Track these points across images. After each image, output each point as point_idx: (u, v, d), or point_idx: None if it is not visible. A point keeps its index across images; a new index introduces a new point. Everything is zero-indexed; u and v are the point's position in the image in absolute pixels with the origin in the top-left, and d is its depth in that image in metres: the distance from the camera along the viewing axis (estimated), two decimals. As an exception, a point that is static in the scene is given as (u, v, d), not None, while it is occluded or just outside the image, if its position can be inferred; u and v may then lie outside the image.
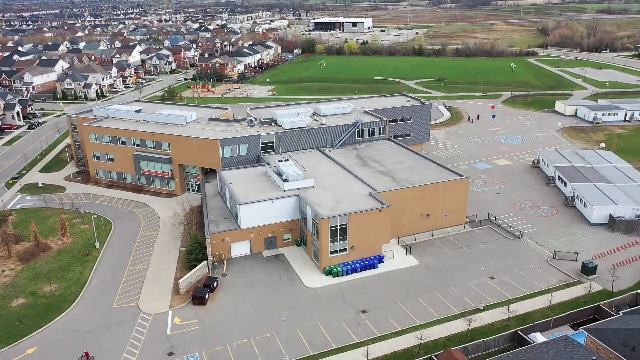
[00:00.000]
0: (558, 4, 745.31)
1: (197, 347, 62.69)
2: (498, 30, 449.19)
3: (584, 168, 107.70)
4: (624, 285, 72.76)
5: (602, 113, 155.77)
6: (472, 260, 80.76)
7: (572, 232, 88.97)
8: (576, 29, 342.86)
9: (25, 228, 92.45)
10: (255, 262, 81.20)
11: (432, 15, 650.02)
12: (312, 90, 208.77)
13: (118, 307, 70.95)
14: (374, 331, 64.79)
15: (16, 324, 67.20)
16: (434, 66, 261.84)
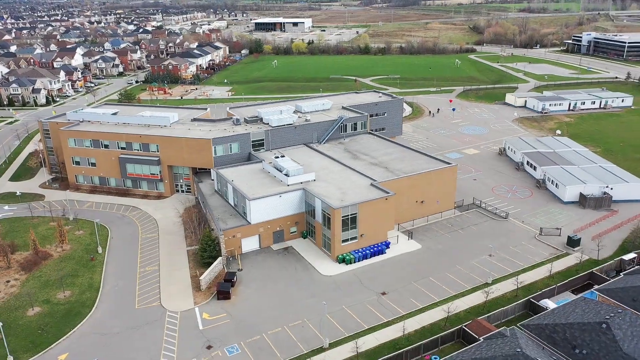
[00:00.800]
0: (482, 4, 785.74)
1: (233, 338, 64.18)
2: (433, 29, 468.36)
3: (549, 153, 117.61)
4: (605, 254, 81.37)
5: (549, 103, 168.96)
6: (468, 241, 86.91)
7: (550, 211, 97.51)
8: (507, 27, 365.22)
9: (15, 238, 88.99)
10: (266, 256, 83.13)
11: (367, 15, 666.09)
12: (272, 90, 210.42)
13: (141, 307, 70.78)
14: (399, 310, 68.98)
15: (39, 332, 65.60)
16: (383, 64, 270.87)
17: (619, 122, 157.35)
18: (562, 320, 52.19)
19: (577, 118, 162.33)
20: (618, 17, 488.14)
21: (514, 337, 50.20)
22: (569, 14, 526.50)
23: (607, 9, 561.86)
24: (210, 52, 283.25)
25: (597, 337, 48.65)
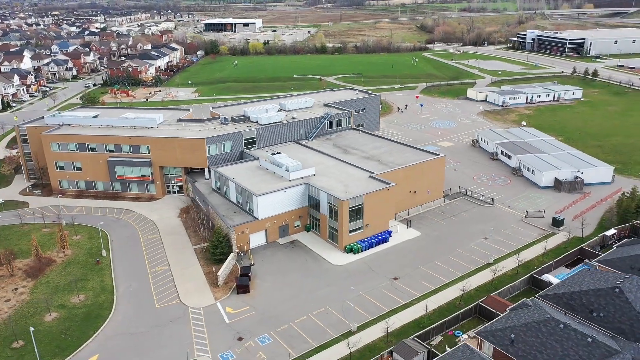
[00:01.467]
0: (425, 3, 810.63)
1: (262, 329, 65.91)
2: (382, 29, 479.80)
3: (521, 142, 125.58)
4: (587, 231, 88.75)
5: (509, 97, 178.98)
6: (462, 226, 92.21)
7: (529, 196, 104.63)
8: (455, 26, 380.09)
9: (9, 246, 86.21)
10: (274, 250, 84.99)
11: (315, 15, 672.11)
12: (238, 90, 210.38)
13: (161, 306, 71.05)
14: (414, 292, 72.90)
15: (62, 337, 64.75)
16: (342, 63, 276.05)
17: (573, 113, 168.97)
18: (577, 288, 57.68)
19: (535, 110, 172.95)
20: (552, 15, 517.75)
21: (537, 306, 55.08)
22: (508, 13, 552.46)
23: (541, 8, 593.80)
24: (168, 54, 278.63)
25: (612, 300, 54.34)
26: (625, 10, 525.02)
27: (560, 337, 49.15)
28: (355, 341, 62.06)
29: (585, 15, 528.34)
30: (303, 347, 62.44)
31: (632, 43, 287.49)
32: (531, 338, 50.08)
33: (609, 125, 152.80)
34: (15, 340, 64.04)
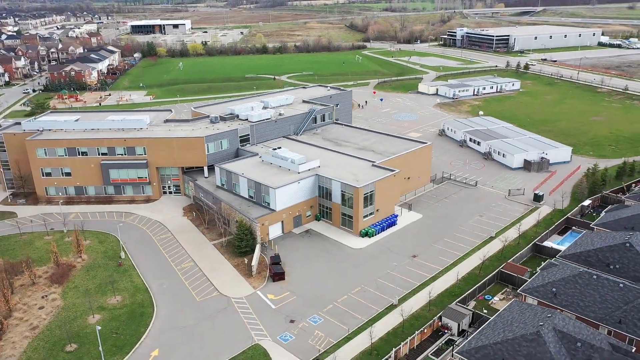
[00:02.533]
0: (347, 3, 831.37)
1: (310, 310, 69.55)
2: (313, 28, 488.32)
3: (486, 130, 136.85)
4: (565, 204, 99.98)
5: (458, 90, 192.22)
6: (456, 207, 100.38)
7: (505, 177, 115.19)
8: (388, 25, 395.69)
9: (16, 256, 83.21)
10: (292, 240, 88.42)
11: (242, 16, 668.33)
12: (194, 92, 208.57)
13: (202, 299, 72.52)
14: (435, 267, 79.49)
15: (114, 336, 64.76)
16: (288, 62, 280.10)
17: (516, 102, 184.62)
18: (591, 247, 66.78)
19: (483, 101, 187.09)
20: (470, 14, 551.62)
21: (563, 264, 63.42)
22: (430, 12, 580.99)
23: (458, 7, 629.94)
24: (107, 57, 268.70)
25: (625, 254, 63.73)
26: (533, 9, 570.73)
27: (596, 285, 57.52)
28: (402, 311, 67.61)
29: (499, 14, 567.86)
30: (354, 322, 66.95)
31: (549, 39, 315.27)
32: (570, 289, 58.06)
33: (551, 112, 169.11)
34: (68, 344, 63.33)
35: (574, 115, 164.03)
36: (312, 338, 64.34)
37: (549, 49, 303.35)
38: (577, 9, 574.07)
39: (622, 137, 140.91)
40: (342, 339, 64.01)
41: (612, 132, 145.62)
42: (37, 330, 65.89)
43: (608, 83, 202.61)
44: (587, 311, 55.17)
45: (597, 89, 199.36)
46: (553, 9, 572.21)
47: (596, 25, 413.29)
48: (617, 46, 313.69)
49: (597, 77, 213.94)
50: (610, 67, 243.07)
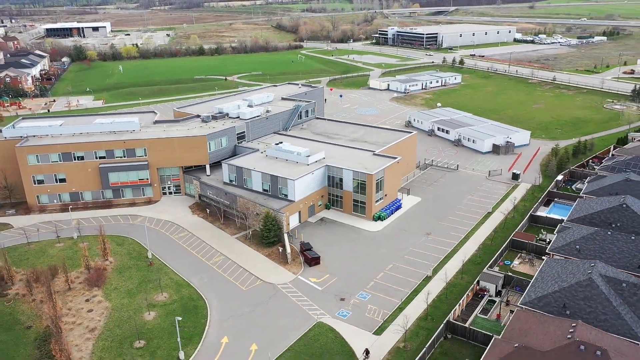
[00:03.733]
0: (264, 5, 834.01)
1: (355, 289, 74.40)
2: (240, 29, 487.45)
3: (450, 119, 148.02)
4: (539, 180, 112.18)
5: (409, 85, 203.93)
6: (447, 189, 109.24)
7: (478, 160, 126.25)
8: (319, 25, 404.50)
9: (35, 264, 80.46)
10: (311, 228, 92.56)
11: (161, 18, 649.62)
12: (146, 95, 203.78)
13: (249, 288, 75.00)
14: (450, 242, 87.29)
15: (178, 329, 65.85)
16: (232, 62, 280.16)
17: (461, 95, 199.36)
18: (592, 211, 77.55)
19: (432, 94, 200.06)
20: (390, 14, 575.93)
21: (576, 226, 73.43)
22: (353, 12, 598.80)
23: (375, 8, 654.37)
24: (39, 62, 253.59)
25: (623, 214, 74.76)
26: (446, 9, 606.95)
27: (611, 240, 67.64)
28: (440, 279, 74.56)
29: (416, 13, 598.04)
30: (400, 294, 72.84)
31: (472, 36, 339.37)
32: (591, 245, 67.77)
33: (495, 102, 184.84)
34: (136, 340, 63.67)
35: (517, 104, 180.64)
36: (367, 311, 69.41)
37: (473, 46, 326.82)
38: (485, 8, 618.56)
39: (564, 121, 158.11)
40: (395, 309, 69.71)
41: (554, 117, 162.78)
42: (96, 331, 65.39)
43: (537, 75, 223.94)
44: (609, 261, 65.00)
45: (528, 80, 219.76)
46: (464, 9, 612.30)
47: (505, 23, 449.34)
48: (531, 42, 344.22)
49: (526, 70, 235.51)
50: (531, 60, 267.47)
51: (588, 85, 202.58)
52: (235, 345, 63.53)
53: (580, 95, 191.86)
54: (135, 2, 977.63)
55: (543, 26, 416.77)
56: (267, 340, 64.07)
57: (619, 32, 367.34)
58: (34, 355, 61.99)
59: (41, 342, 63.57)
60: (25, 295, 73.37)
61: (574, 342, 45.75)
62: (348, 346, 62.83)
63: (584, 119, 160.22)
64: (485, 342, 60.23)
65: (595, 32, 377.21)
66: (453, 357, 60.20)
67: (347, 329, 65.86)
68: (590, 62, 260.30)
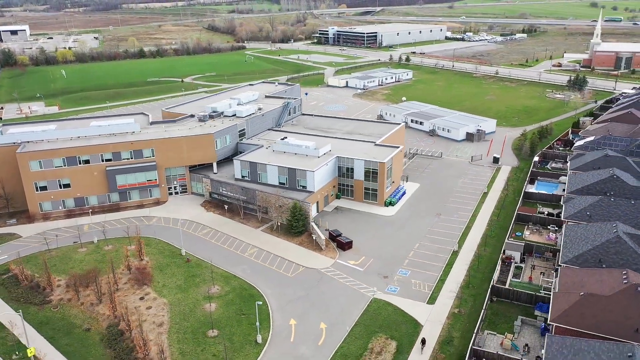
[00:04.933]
0: (185, 6, 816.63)
1: (393, 267, 79.88)
2: (170, 31, 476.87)
3: (421, 112, 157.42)
4: (517, 162, 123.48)
5: (367, 82, 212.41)
6: (439, 175, 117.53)
7: (457, 147, 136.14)
8: (255, 26, 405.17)
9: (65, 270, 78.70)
10: (329, 216, 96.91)
11: (79, 20, 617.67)
12: (101, 99, 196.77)
13: (295, 275, 78.24)
14: (461, 220, 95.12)
15: (243, 316, 67.99)
16: (179, 64, 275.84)
17: (416, 89, 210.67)
18: (587, 183, 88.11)
19: (389, 90, 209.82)
20: (320, 15, 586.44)
21: (577, 197, 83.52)
22: (285, 13, 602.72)
23: (302, 8, 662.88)
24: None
25: (615, 183, 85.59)
26: (373, 9, 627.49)
27: (615, 206, 78.05)
28: (466, 252, 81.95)
29: (345, 14, 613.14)
30: (436, 268, 79.26)
31: (409, 34, 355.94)
32: (599, 211, 77.79)
33: (450, 95, 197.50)
34: (208, 330, 65.20)
35: (470, 96, 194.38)
36: (413, 285, 75.19)
37: (411, 44, 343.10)
38: (409, 8, 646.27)
39: (517, 110, 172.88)
40: (437, 281, 76.07)
41: (507, 107, 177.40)
42: (165, 325, 66.09)
43: (480, 70, 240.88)
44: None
45: (472, 74, 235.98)
46: (390, 9, 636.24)
47: (432, 22, 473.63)
48: (461, 39, 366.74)
49: (469, 65, 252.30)
50: (468, 56, 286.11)
51: (527, 78, 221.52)
52: (304, 325, 66.92)
53: (522, 86, 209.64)
54: (43, 4, 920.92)
55: (466, 25, 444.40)
56: (332, 319, 68.02)
57: (536, 29, 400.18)
58: (109, 354, 61.90)
59: (111, 342, 63.50)
60: (71, 300, 72.05)
61: (631, 285, 54.23)
62: (409, 316, 68.30)
63: (534, 107, 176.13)
64: (528, 301, 68.40)
65: (515, 30, 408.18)
66: (503, 317, 67.38)
67: (402, 302, 71.26)
68: (519, 57, 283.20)
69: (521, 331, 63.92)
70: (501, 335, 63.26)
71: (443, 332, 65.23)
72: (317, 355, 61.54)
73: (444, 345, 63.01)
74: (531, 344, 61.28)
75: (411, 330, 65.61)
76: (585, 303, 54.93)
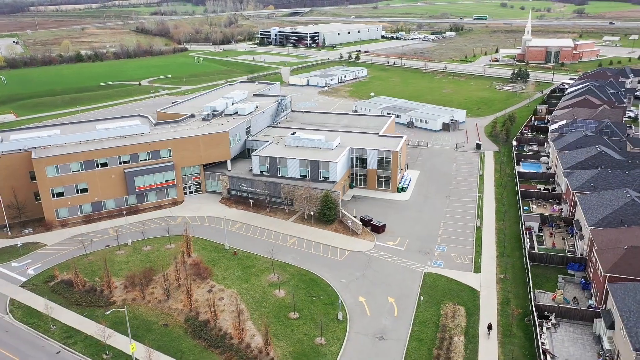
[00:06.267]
0: (101, 8, 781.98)
1: (430, 244, 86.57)
2: (96, 34, 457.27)
3: (395, 105, 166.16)
4: (498, 147, 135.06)
5: (328, 79, 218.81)
6: (432, 161, 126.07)
7: (437, 137, 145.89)
8: (190, 28, 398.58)
9: (112, 272, 77.97)
10: (350, 204, 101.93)
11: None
12: (58, 105, 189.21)
13: (343, 259, 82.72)
14: (468, 199, 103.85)
15: (314, 298, 71.57)
16: (126, 68, 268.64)
17: (376, 85, 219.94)
18: (580, 159, 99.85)
19: (350, 86, 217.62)
20: (250, 16, 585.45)
21: (577, 170, 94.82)
22: (215, 14, 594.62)
23: (228, 10, 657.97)
24: None
25: (604, 158, 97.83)
26: (302, 10, 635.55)
27: (613, 177, 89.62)
28: (487, 226, 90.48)
29: (274, 15, 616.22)
30: (468, 242, 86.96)
31: (348, 34, 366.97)
32: (600, 181, 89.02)
33: (409, 90, 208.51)
34: (290, 312, 68.21)
35: (429, 91, 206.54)
36: (454, 258, 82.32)
37: (351, 42, 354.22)
38: (336, 9, 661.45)
39: (476, 101, 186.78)
40: (474, 253, 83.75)
41: (466, 99, 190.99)
42: (245, 313, 68.12)
43: (429, 66, 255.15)
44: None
45: (422, 70, 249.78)
46: (318, 9, 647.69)
47: (362, 22, 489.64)
48: (397, 38, 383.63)
49: (418, 62, 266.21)
50: (409, 53, 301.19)
51: (473, 72, 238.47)
52: (374, 301, 71.77)
53: (471, 80, 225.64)
54: None
55: (396, 25, 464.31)
56: (397, 293, 73.43)
57: (462, 27, 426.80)
58: (200, 344, 63.32)
59: (197, 332, 64.84)
60: (135, 299, 71.90)
61: (664, 236, 64.64)
62: (464, 284, 75.27)
63: (489, 98, 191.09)
64: (559, 263, 77.74)
65: (442, 28, 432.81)
66: (543, 277, 76.09)
67: (452, 273, 78.13)
68: (456, 53, 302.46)
69: (565, 287, 72.97)
70: (550, 292, 71.88)
71: (498, 295, 72.83)
72: (399, 324, 66.79)
73: (503, 305, 70.57)
74: (577, 296, 70.40)
75: (471, 295, 72.61)
76: (630, 255, 64.54)
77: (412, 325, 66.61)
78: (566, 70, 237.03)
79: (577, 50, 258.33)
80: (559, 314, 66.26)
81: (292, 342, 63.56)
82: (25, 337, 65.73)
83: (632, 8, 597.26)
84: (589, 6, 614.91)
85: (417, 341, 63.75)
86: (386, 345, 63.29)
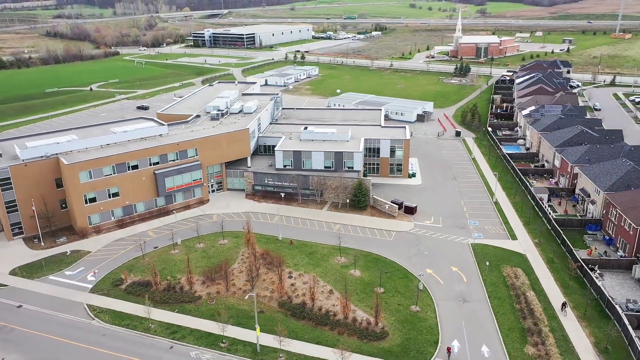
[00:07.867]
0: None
1: (461, 220, 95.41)
2: (1, 39, 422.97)
3: (366, 100, 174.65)
4: (475, 134, 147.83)
5: (286, 79, 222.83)
6: (424, 149, 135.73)
7: (417, 127, 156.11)
8: (118, 31, 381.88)
9: (171, 272, 78.43)
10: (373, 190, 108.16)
11: None
12: (10, 114, 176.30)
13: (393, 238, 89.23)
14: (476, 179, 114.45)
15: (387, 274, 77.24)
16: (63, 73, 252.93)
17: (331, 83, 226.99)
18: (565, 138, 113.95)
19: (309, 84, 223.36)
20: (169, 19, 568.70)
21: (568, 147, 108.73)
22: (130, 17, 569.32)
23: (139, 12, 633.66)
24: None
25: (585, 136, 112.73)
26: (220, 12, 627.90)
27: (602, 150, 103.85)
28: (502, 201, 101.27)
29: (192, 17, 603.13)
30: (494, 214, 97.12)
31: (282, 34, 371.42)
32: (593, 156, 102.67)
33: (365, 86, 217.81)
34: (376, 287, 73.50)
35: (385, 86, 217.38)
36: (489, 230, 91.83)
37: (287, 43, 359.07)
38: (255, 10, 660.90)
39: (432, 95, 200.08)
40: (503, 223, 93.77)
41: (423, 92, 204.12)
42: (335, 293, 72.21)
43: (375, 64, 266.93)
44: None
45: (369, 68, 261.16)
46: (236, 11, 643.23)
47: (285, 23, 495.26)
48: (327, 38, 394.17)
49: (364, 61, 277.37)
50: (346, 52, 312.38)
51: (418, 68, 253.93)
52: (441, 271, 79.06)
53: (418, 75, 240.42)
54: None
55: (320, 25, 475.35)
56: (457, 263, 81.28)
57: (386, 27, 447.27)
58: (307, 323, 66.85)
59: (298, 314, 68.24)
60: (220, 292, 73.28)
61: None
62: (510, 250, 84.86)
63: (443, 91, 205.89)
64: (578, 225, 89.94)
65: (365, 28, 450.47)
66: (570, 239, 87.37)
67: (494, 242, 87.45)
68: (390, 51, 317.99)
69: (592, 244, 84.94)
70: (583, 249, 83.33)
71: (542, 256, 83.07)
72: (473, 288, 74.62)
73: (550, 264, 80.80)
74: (607, 251, 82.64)
75: (520, 259, 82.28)
76: (653, 207, 77.64)
77: (485, 287, 74.72)
78: (497, 64, 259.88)
79: (502, 46, 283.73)
80: (600, 265, 77.70)
81: (391, 312, 69.05)
82: (128, 339, 65.25)
83: (524, 8, 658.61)
84: (488, 6, 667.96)
85: (497, 299, 71.95)
86: (472, 306, 70.80)
